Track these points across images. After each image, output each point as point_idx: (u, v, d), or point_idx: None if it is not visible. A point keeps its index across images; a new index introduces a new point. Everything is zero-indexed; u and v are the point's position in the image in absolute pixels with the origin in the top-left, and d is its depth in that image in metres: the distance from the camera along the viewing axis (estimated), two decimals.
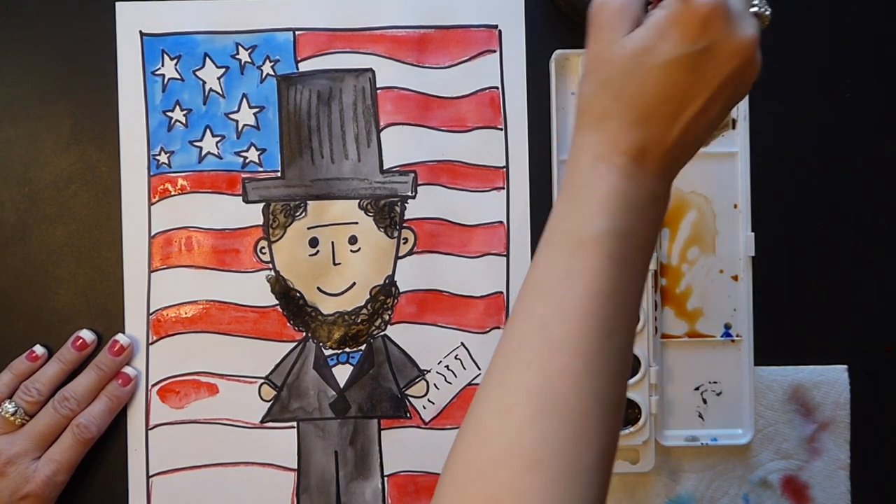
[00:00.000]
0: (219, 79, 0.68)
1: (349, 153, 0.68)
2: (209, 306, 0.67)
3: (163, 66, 0.68)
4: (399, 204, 0.68)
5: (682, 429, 0.67)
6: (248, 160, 0.68)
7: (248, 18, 0.68)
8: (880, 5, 0.68)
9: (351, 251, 0.68)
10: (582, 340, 0.42)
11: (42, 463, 0.63)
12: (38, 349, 0.66)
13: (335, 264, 0.68)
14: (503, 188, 0.68)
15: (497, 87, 0.68)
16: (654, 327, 0.67)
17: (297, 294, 0.67)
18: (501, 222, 0.68)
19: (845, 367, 0.67)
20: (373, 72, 0.68)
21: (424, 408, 0.67)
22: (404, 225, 0.67)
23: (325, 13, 0.68)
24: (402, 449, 0.67)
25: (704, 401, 0.67)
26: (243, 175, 0.68)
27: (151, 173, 0.68)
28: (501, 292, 0.68)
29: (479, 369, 0.67)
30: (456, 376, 0.67)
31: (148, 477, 0.67)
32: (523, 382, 0.42)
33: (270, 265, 0.68)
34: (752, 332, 0.67)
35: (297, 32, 0.68)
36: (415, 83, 0.68)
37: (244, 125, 0.68)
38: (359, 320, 0.67)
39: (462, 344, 0.67)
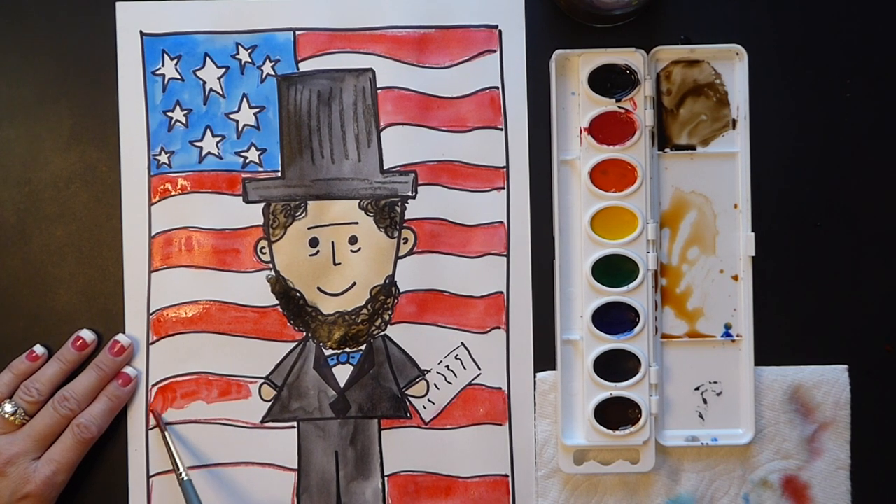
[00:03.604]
0: (219, 79, 0.68)
1: (349, 153, 0.68)
2: (209, 306, 0.67)
3: (163, 66, 0.68)
4: (399, 204, 0.68)
5: (682, 429, 0.67)
6: (248, 160, 0.68)
7: (249, 18, 0.68)
8: (881, 5, 0.68)
9: (351, 251, 0.68)
10: None
11: (42, 463, 0.63)
12: (38, 349, 0.66)
13: (335, 264, 0.68)
14: (503, 188, 0.68)
15: (497, 87, 0.68)
16: (654, 327, 0.67)
17: (298, 294, 0.67)
18: (502, 222, 0.68)
19: (845, 367, 0.67)
20: (373, 72, 0.68)
21: (425, 408, 0.67)
22: (404, 225, 0.67)
23: (326, 13, 0.68)
24: (402, 449, 0.67)
25: (704, 401, 0.67)
26: (243, 175, 0.68)
27: (152, 173, 0.68)
28: (502, 292, 0.68)
29: (480, 369, 0.67)
30: (456, 376, 0.67)
31: (148, 477, 0.67)
32: None
33: (271, 265, 0.68)
34: (752, 332, 0.67)
35: (297, 32, 0.68)
36: (415, 83, 0.68)
37: (244, 125, 0.68)
38: (359, 320, 0.67)
39: (462, 344, 0.67)
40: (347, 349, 0.68)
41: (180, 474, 0.63)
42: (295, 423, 0.67)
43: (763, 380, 0.67)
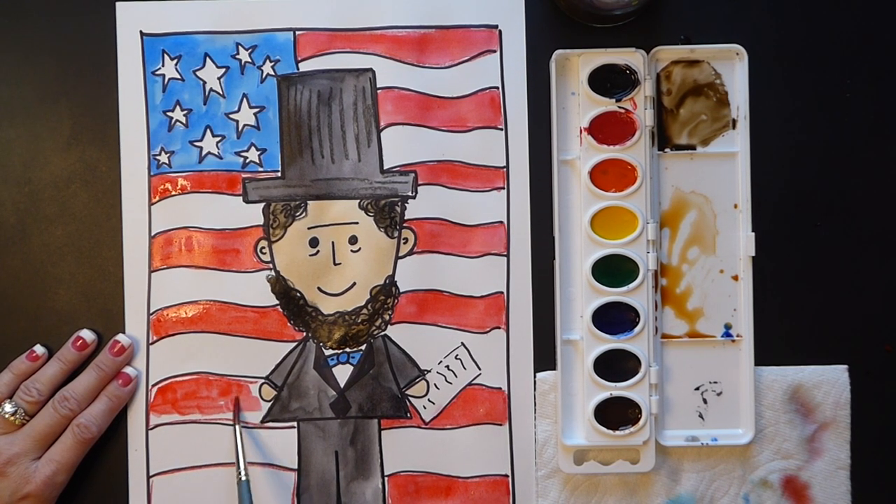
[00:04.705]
0: (219, 79, 0.68)
1: (349, 153, 0.68)
2: (209, 306, 0.67)
3: (163, 65, 0.68)
4: (399, 204, 0.68)
5: (682, 429, 0.67)
6: (248, 160, 0.68)
7: (249, 18, 0.68)
8: (881, 5, 0.68)
9: (351, 251, 0.68)
10: None
11: (42, 463, 0.63)
12: (38, 349, 0.66)
13: (335, 264, 0.68)
14: (503, 188, 0.68)
15: (497, 87, 0.68)
16: (654, 327, 0.67)
17: (298, 294, 0.67)
18: (502, 222, 0.68)
19: (845, 367, 0.67)
20: (373, 72, 0.68)
21: (425, 408, 0.67)
22: (404, 225, 0.67)
23: (326, 13, 0.68)
24: (402, 449, 0.67)
25: (704, 401, 0.67)
26: (243, 175, 0.68)
27: (152, 173, 0.68)
28: (502, 292, 0.68)
29: (480, 369, 0.67)
30: (456, 376, 0.67)
31: (148, 477, 0.67)
32: None
33: (271, 265, 0.68)
34: (752, 332, 0.67)
35: (297, 32, 0.68)
36: (415, 83, 0.68)
37: (244, 125, 0.68)
38: (359, 320, 0.67)
39: (462, 344, 0.67)
40: (347, 349, 0.68)
41: (239, 473, 0.63)
42: (295, 423, 0.67)
43: (763, 380, 0.67)
